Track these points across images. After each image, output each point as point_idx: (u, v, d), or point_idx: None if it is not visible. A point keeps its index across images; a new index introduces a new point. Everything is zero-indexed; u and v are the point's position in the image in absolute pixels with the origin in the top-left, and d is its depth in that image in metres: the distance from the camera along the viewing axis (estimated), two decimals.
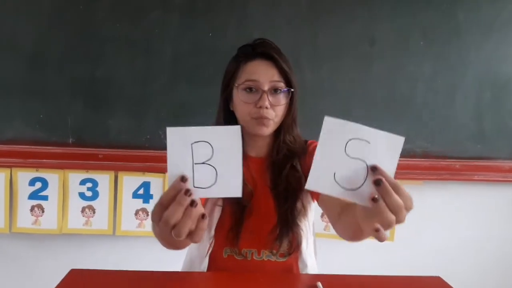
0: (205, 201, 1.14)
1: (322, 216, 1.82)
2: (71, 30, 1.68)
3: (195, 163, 0.65)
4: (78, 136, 1.72)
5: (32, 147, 1.71)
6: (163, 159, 1.65)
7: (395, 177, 0.65)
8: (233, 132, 0.64)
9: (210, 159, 0.65)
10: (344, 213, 0.93)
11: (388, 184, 0.63)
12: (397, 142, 0.64)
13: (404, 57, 1.79)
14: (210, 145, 0.65)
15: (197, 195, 0.66)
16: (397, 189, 0.64)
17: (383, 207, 0.63)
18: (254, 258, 1.14)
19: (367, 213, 0.66)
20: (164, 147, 1.69)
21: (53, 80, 1.69)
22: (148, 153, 1.72)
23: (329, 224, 1.85)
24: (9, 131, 1.70)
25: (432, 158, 1.83)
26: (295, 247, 1.15)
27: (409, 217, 1.84)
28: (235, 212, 1.11)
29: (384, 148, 0.64)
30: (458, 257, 1.98)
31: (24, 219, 1.76)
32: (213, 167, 0.65)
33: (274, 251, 1.14)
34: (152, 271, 1.00)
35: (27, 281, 1.84)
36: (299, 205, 1.14)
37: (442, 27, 1.78)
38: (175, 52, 1.72)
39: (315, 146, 1.13)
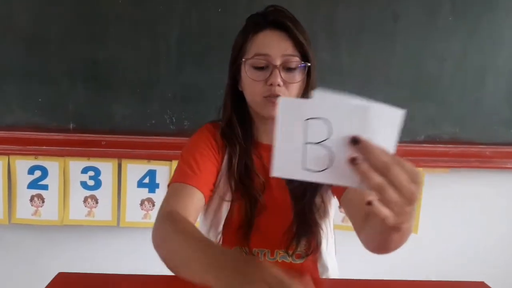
0: (210, 196, 1.01)
1: (340, 207, 1.69)
2: (71, 10, 1.57)
3: (308, 142, 0.54)
4: (79, 121, 1.62)
5: (31, 133, 1.61)
6: (170, 146, 1.55)
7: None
8: (362, 113, 0.53)
9: (327, 139, 0.53)
10: (369, 218, 0.79)
11: (366, 142, 0.51)
12: (393, 116, 0.55)
13: (431, 34, 1.64)
14: (330, 123, 0.53)
15: (306, 177, 0.55)
16: (396, 163, 0.51)
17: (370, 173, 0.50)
18: (267, 259, 1.03)
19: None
20: (170, 133, 1.60)
21: (52, 62, 1.59)
22: (153, 139, 1.62)
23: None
24: (7, 117, 1.61)
25: (460, 144, 1.70)
26: (314, 248, 1.03)
27: (434, 208, 1.72)
28: (245, 207, 0.99)
29: (376, 122, 0.53)
30: (491, 255, 1.85)
31: (24, 210, 1.68)
32: (330, 148, 0.53)
33: (290, 252, 1.02)
34: (146, 275, 0.92)
35: (27, 274, 1.76)
36: (318, 200, 1.02)
37: (474, 1, 1.63)
38: (182, 31, 1.60)
39: None
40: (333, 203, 1.08)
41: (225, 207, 1.01)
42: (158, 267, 0.98)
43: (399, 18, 1.62)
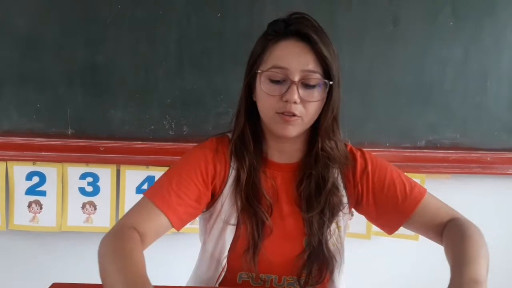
0: (210, 219, 0.98)
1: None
2: (68, 14, 1.55)
3: None
4: (77, 127, 1.60)
5: (29, 139, 1.59)
6: (169, 152, 1.52)
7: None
8: None
9: None
10: None
11: None
12: None
13: (432, 39, 1.62)
14: None
15: None
16: None
17: None
18: (274, 285, 0.97)
19: None
20: (169, 139, 1.58)
21: (50, 67, 1.57)
22: (152, 145, 1.60)
23: (349, 223, 1.71)
24: (4, 123, 1.58)
25: (461, 150, 1.68)
26: (325, 276, 0.97)
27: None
28: (251, 230, 0.93)
29: None
30: (492, 261, 1.82)
31: (22, 216, 1.66)
32: None
33: (301, 280, 0.96)
34: None
35: (25, 280, 1.74)
36: (333, 227, 0.96)
37: (475, 5, 1.61)
38: (181, 36, 1.58)
39: (364, 159, 0.97)
40: (346, 226, 1.02)
41: (230, 231, 0.95)
42: (158, 275, 0.97)
43: (399, 23, 1.60)
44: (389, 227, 0.99)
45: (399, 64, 1.63)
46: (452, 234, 0.88)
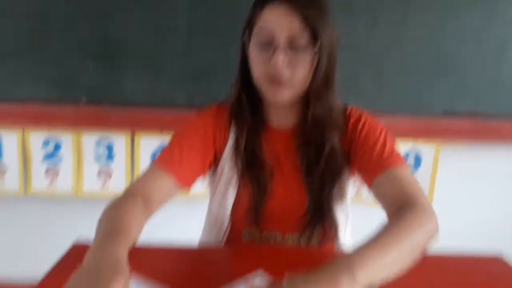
0: (213, 182, 0.99)
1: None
2: None
3: None
4: (91, 95, 1.61)
5: (44, 107, 1.60)
6: (181, 121, 1.52)
7: None
8: None
9: None
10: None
11: None
12: None
13: (449, 8, 1.58)
14: None
15: None
16: None
17: None
18: (278, 242, 0.99)
19: None
20: (181, 108, 1.57)
21: (63, 38, 1.57)
22: (165, 113, 1.60)
23: (361, 191, 1.72)
24: (20, 91, 1.60)
25: (478, 119, 1.66)
26: (329, 235, 0.98)
27: (449, 183, 1.70)
28: (252, 194, 0.94)
29: None
30: (505, 230, 1.83)
31: (39, 182, 1.69)
32: None
33: (303, 239, 0.98)
34: (161, 247, 0.90)
35: (43, 244, 1.79)
36: (336, 190, 0.95)
37: None
38: (193, 5, 1.56)
39: (359, 118, 0.95)
40: (350, 186, 1.01)
41: (231, 194, 0.96)
42: (175, 237, 0.99)
43: None
44: (366, 183, 0.93)
45: (416, 34, 1.59)
46: (392, 219, 0.76)
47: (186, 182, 0.91)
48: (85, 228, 1.76)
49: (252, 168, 0.94)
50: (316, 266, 0.61)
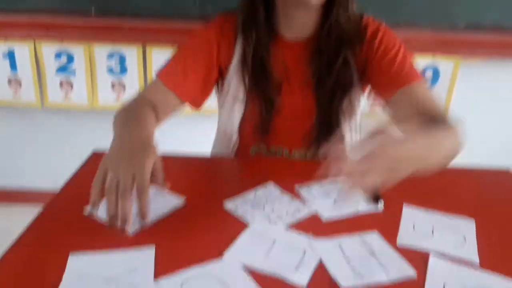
0: (221, 96, 0.98)
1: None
2: None
3: None
4: (100, 5, 1.55)
5: (53, 17, 1.56)
6: (194, 31, 1.45)
7: None
8: None
9: None
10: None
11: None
12: None
13: None
14: None
15: None
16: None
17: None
18: (284, 155, 1.00)
19: None
20: (194, 18, 1.51)
21: None
22: (177, 24, 1.55)
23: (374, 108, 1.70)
24: (28, 1, 1.54)
25: (503, 32, 1.57)
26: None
27: (466, 100, 1.66)
28: (259, 109, 0.93)
29: None
30: None
31: (55, 95, 1.71)
32: None
33: (309, 153, 0.98)
34: (179, 156, 0.92)
35: (63, 153, 1.86)
36: (345, 104, 0.93)
37: None
38: None
39: (376, 31, 0.90)
40: (361, 100, 0.99)
41: (238, 108, 0.95)
42: (186, 148, 1.01)
43: None
44: (382, 98, 0.92)
45: None
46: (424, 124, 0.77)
47: (190, 99, 0.93)
48: (101, 139, 1.82)
49: (259, 81, 0.92)
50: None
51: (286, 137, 0.97)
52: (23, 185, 1.98)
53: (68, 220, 0.68)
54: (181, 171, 0.87)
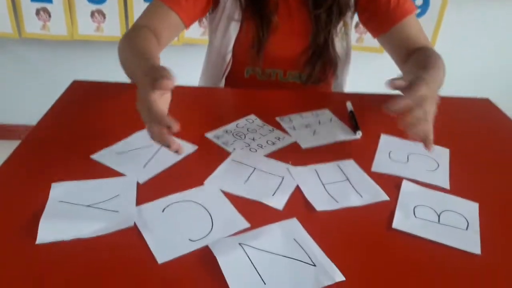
0: (216, 17, 0.95)
1: (356, 26, 1.62)
2: None
3: None
4: None
5: None
6: None
7: None
8: None
9: None
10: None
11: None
12: None
13: None
14: None
15: None
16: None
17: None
18: (279, 79, 1.00)
19: None
20: None
21: None
22: None
23: (363, 36, 1.68)
24: None
25: None
26: (329, 73, 0.99)
27: (455, 30, 1.64)
28: (256, 27, 0.92)
29: None
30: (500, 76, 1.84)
31: (32, 24, 1.64)
32: None
33: (303, 75, 0.99)
34: None
35: (43, 84, 1.83)
36: (340, 25, 0.94)
37: None
38: None
39: None
40: (353, 23, 1.00)
41: (234, 27, 0.94)
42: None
43: None
44: (375, 31, 0.95)
45: None
46: (417, 55, 0.83)
47: (189, 21, 0.90)
48: (82, 70, 1.79)
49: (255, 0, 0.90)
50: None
51: (281, 58, 0.97)
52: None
53: (49, 150, 0.68)
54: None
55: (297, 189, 0.62)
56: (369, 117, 0.83)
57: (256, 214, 0.57)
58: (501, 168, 0.71)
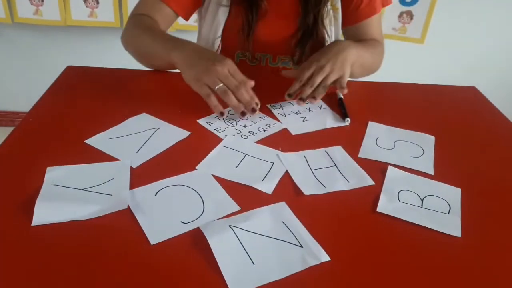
0: (204, 4, 0.96)
1: None
2: None
3: None
4: None
5: None
6: None
7: None
8: None
9: None
10: None
11: None
12: None
13: None
14: None
15: None
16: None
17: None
18: (269, 64, 1.02)
19: None
20: None
21: None
22: None
23: None
24: None
25: None
26: None
27: (443, 20, 1.66)
28: (245, 11, 0.93)
29: None
30: (487, 64, 1.86)
31: (25, 9, 1.64)
32: None
33: (294, 58, 1.00)
34: (155, 72, 0.92)
35: (37, 69, 1.83)
36: (328, 7, 0.95)
37: None
38: None
39: None
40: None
41: (222, 12, 0.95)
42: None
43: None
44: (342, 22, 1.00)
45: None
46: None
47: (183, 13, 0.93)
48: (75, 56, 1.79)
49: None
50: None
51: (271, 42, 0.98)
52: None
53: (43, 135, 0.69)
54: (157, 86, 0.88)
55: (286, 174, 0.64)
56: (358, 104, 0.85)
57: (246, 198, 0.58)
58: (484, 155, 0.74)
